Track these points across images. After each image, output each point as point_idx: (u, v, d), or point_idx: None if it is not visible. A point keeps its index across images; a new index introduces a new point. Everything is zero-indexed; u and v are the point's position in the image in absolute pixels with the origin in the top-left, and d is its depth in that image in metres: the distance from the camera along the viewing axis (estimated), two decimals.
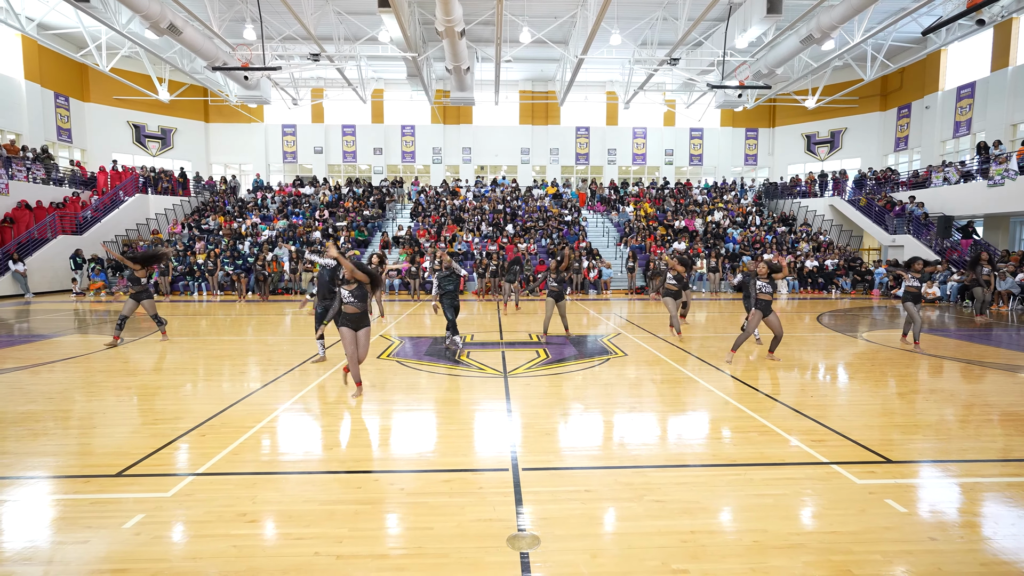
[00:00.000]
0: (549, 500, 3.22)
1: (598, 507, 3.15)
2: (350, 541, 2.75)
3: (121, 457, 3.86)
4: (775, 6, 15.64)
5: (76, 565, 2.53)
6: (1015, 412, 4.98)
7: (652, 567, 2.53)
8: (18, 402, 5.30)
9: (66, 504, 3.18)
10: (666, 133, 29.17)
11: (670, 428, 4.60)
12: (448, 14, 14.79)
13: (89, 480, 3.49)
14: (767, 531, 2.85)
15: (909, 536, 2.80)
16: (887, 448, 4.01)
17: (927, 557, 2.61)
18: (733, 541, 2.76)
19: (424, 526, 2.91)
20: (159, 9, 14.99)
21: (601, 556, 2.64)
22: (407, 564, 2.56)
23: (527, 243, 20.08)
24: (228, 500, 3.21)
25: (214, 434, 4.35)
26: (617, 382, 6.16)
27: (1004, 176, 16.54)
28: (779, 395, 5.54)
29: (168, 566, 2.52)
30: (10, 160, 18.28)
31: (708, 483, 3.48)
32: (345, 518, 2.99)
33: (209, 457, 3.84)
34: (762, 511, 3.08)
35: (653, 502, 3.19)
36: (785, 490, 3.35)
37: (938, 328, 10.67)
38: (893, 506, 3.11)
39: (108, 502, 3.19)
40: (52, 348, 8.27)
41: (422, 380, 6.24)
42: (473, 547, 2.70)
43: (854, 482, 3.43)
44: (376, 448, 4.18)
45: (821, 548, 2.69)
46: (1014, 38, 19.19)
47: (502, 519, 2.98)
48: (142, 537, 2.78)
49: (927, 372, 6.67)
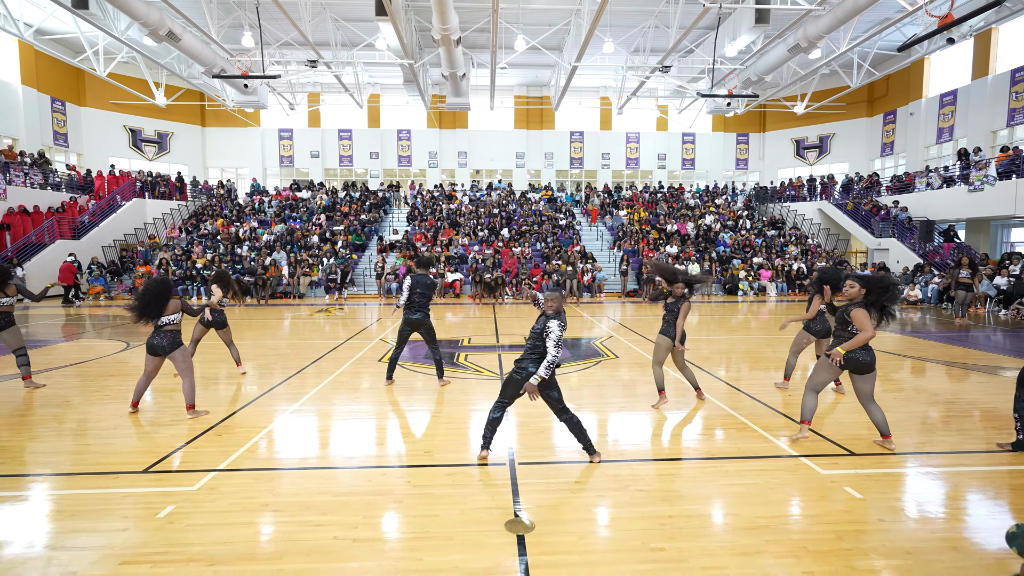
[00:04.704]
0: (543, 490, 3.55)
1: (587, 496, 3.48)
2: (364, 527, 3.07)
3: (145, 455, 4.15)
4: (763, 16, 16.11)
5: (121, 549, 2.83)
6: (974, 409, 5.36)
7: (633, 546, 2.87)
8: (39, 404, 5.57)
9: (100, 497, 3.47)
10: (659, 138, 29.65)
11: (656, 426, 4.94)
12: (445, 23, 15.13)
13: (118, 476, 3.78)
14: (737, 515, 3.20)
15: (861, 518, 3.15)
16: (852, 443, 4.37)
17: (875, 535, 2.96)
18: (706, 524, 3.11)
19: (430, 513, 3.23)
20: (158, 16, 15.22)
21: (588, 537, 2.97)
22: (417, 545, 2.88)
23: (522, 247, 20.42)
24: (249, 492, 3.52)
25: (229, 434, 4.64)
26: (608, 383, 6.50)
27: (984, 182, 17.08)
28: (759, 395, 5.89)
29: (203, 550, 2.83)
30: (8, 165, 18.41)
31: (687, 475, 3.83)
32: (358, 507, 3.30)
33: (228, 455, 4.14)
34: (734, 498, 3.43)
35: (637, 491, 3.53)
36: (756, 480, 3.70)
37: (919, 330, 11.11)
38: (851, 493, 3.47)
39: (139, 495, 3.49)
40: (63, 353, 8.50)
41: (420, 382, 6.54)
42: (475, 531, 3.02)
43: (819, 472, 3.79)
44: (383, 445, 4.50)
45: (783, 528, 3.03)
46: (993, 48, 19.79)
47: (500, 507, 3.30)
48: (176, 525, 3.08)
49: (898, 372, 7.06)
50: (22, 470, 3.92)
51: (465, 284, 18.52)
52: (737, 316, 13.58)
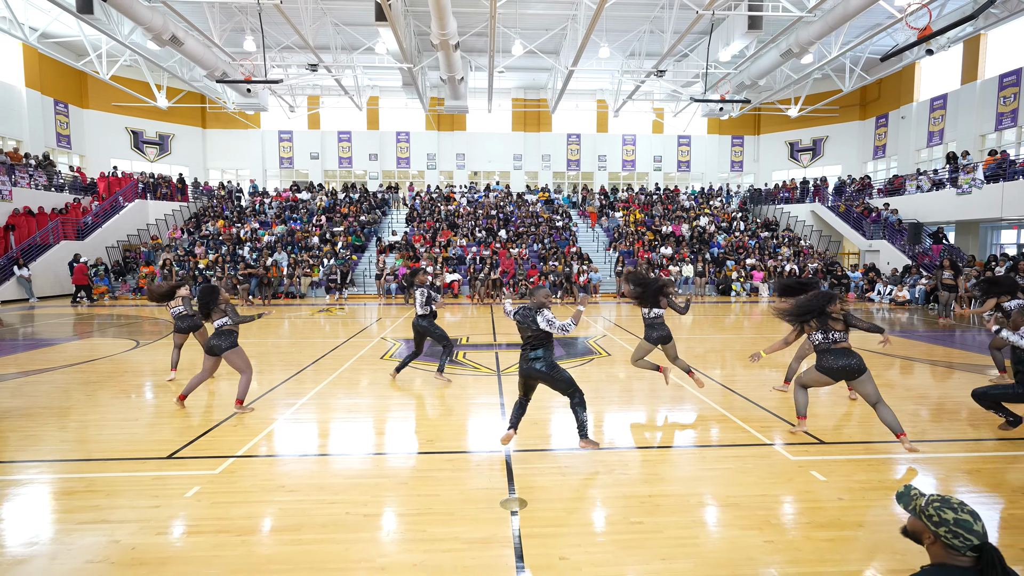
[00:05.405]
0: (536, 474, 3.88)
1: (575, 479, 3.81)
2: (373, 504, 3.40)
3: (167, 444, 4.47)
4: (756, 22, 16.48)
5: (156, 523, 3.16)
6: (939, 401, 5.71)
7: (615, 519, 3.21)
8: (60, 398, 5.88)
9: (132, 480, 3.79)
10: (655, 140, 30.02)
11: (643, 418, 5.28)
12: (443, 28, 15.45)
13: (145, 461, 4.11)
14: (710, 494, 3.54)
15: (822, 496, 3.49)
16: (822, 432, 4.72)
17: (832, 511, 3.30)
18: (681, 502, 3.44)
19: (432, 493, 3.56)
20: (162, 21, 15.51)
21: (575, 513, 3.30)
22: (421, 520, 3.21)
23: (519, 248, 20.76)
24: (267, 475, 3.84)
25: (244, 425, 4.97)
26: (600, 379, 6.83)
27: (971, 185, 17.47)
28: (742, 390, 6.24)
29: (231, 523, 3.15)
30: (13, 167, 18.68)
31: (669, 460, 4.16)
32: (367, 488, 3.63)
33: (244, 443, 4.47)
34: (709, 480, 3.77)
35: (621, 475, 3.86)
36: (731, 465, 4.04)
37: (906, 329, 11.47)
38: (815, 475, 3.81)
39: (166, 478, 3.81)
40: (76, 350, 8.80)
41: (420, 378, 6.87)
42: (473, 508, 3.35)
43: (789, 458, 4.13)
44: (387, 435, 4.83)
45: (751, 505, 3.37)
46: (982, 53, 20.20)
47: (496, 488, 3.63)
48: (203, 503, 3.41)
49: (876, 368, 7.40)
50: (58, 456, 4.23)
51: (463, 285, 18.85)
52: (729, 316, 13.93)
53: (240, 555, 2.84)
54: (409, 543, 2.97)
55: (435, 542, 2.97)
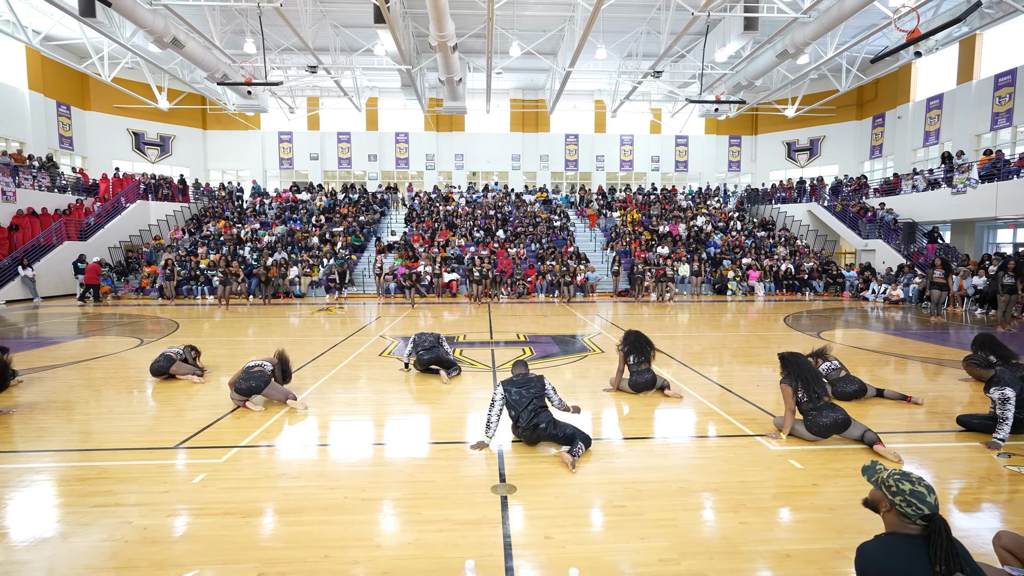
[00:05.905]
0: (526, 462, 4.06)
1: (563, 467, 3.99)
2: (371, 489, 3.58)
3: (173, 435, 4.65)
4: (751, 23, 16.64)
5: (166, 506, 3.34)
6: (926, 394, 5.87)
7: (600, 503, 3.39)
8: (67, 393, 6.06)
9: (141, 467, 3.98)
10: (652, 140, 30.20)
11: (632, 411, 5.45)
12: (442, 30, 15.64)
13: (153, 451, 4.29)
14: (692, 480, 3.71)
15: (798, 483, 3.67)
16: None
17: (806, 496, 3.48)
18: (663, 487, 3.62)
19: (427, 479, 3.74)
20: (163, 24, 15.70)
21: (562, 497, 3.48)
22: (416, 504, 3.39)
23: (517, 248, 20.93)
24: (270, 464, 4.03)
25: (247, 417, 5.15)
26: (592, 374, 7.01)
27: (966, 185, 17.64)
28: (729, 385, 6.41)
29: (236, 506, 3.34)
30: (17, 168, 18.88)
31: (655, 450, 4.34)
32: (365, 475, 3.81)
33: (247, 434, 4.65)
34: (691, 468, 3.95)
35: (607, 463, 4.04)
36: (714, 454, 4.22)
37: (900, 328, 11.65)
38: (793, 464, 3.99)
39: (174, 467, 4.00)
40: (81, 347, 8.99)
41: (418, 375, 7.04)
42: (465, 492, 3.53)
43: (769, 448, 4.31)
44: (385, 427, 5.00)
45: (729, 491, 3.55)
46: (977, 53, 20.36)
47: (488, 475, 3.81)
48: (210, 488, 3.59)
49: (867, 365, 7.58)
50: (70, 446, 4.42)
51: (461, 284, 19.03)
52: (726, 315, 14.11)
53: (246, 534, 3.02)
54: (404, 524, 3.15)
55: (429, 523, 3.15)
